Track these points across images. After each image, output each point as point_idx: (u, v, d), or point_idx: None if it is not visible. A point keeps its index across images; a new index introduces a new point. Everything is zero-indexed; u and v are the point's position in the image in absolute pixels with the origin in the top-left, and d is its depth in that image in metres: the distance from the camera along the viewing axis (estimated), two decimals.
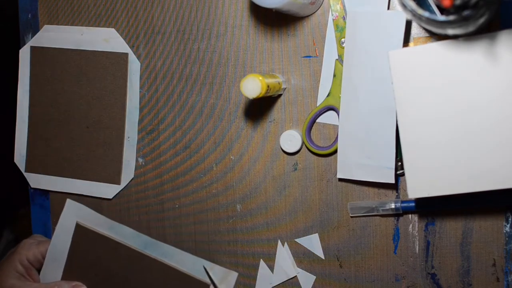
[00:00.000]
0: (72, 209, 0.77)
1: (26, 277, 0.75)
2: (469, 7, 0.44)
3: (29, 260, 0.75)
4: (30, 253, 0.75)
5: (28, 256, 0.75)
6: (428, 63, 0.55)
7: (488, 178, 0.54)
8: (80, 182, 0.77)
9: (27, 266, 0.75)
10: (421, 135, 0.56)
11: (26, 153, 0.79)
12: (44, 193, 0.81)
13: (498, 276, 0.61)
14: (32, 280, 0.75)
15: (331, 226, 0.67)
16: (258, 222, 0.70)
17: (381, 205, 0.63)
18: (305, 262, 0.68)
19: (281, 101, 0.67)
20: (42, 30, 0.77)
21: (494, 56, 0.53)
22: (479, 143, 0.54)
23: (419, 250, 0.64)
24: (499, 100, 0.53)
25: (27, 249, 0.75)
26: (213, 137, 0.71)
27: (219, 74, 0.70)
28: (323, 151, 0.65)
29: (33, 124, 0.78)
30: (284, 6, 0.57)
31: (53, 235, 0.77)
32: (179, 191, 0.73)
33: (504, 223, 0.61)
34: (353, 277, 0.66)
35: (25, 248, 0.75)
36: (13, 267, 0.73)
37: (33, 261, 0.75)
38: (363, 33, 0.60)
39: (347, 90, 0.62)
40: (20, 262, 0.74)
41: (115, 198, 0.76)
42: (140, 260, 0.74)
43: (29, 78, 0.78)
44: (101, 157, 0.75)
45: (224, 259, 0.71)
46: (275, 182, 0.68)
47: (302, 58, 0.66)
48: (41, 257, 0.76)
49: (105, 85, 0.75)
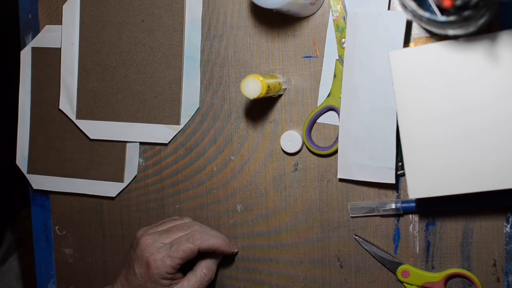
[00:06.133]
0: None
1: (174, 282, 0.66)
2: (470, 8, 0.44)
3: (168, 275, 0.65)
4: (167, 268, 0.64)
5: (166, 271, 0.64)
6: (428, 64, 0.55)
7: (488, 178, 0.54)
8: (83, 181, 0.77)
9: (171, 278, 0.65)
10: (422, 135, 0.56)
11: (28, 155, 0.79)
12: (44, 193, 0.81)
13: (498, 277, 0.61)
14: (179, 278, 0.67)
15: (331, 226, 0.67)
16: (258, 222, 0.70)
17: (382, 206, 0.63)
18: (306, 261, 0.68)
19: (282, 102, 0.67)
20: (44, 30, 0.77)
21: (494, 56, 0.53)
22: (480, 144, 0.54)
23: (419, 250, 0.64)
24: (500, 101, 0.53)
25: (161, 266, 0.64)
26: (213, 137, 0.71)
27: (218, 74, 0.70)
28: (323, 151, 0.65)
29: (35, 125, 0.78)
30: (284, 6, 0.57)
31: None
32: (179, 190, 0.73)
33: (505, 224, 0.61)
34: (353, 277, 0.66)
35: (157, 263, 0.64)
36: (161, 284, 0.65)
37: (174, 273, 0.65)
38: (364, 33, 0.60)
39: (347, 90, 0.62)
40: (163, 278, 0.65)
41: (116, 197, 0.76)
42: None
43: (31, 79, 0.78)
44: (103, 155, 0.75)
45: (224, 259, 0.71)
46: (275, 182, 0.68)
47: (302, 59, 0.66)
48: (177, 269, 0.66)
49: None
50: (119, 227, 0.77)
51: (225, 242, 0.68)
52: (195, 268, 0.68)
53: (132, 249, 0.67)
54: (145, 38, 0.71)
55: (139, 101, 0.72)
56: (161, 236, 0.66)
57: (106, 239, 0.78)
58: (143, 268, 0.64)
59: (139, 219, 0.75)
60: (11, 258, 1.60)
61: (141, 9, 0.71)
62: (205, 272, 0.67)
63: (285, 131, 0.67)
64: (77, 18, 0.74)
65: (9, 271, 1.59)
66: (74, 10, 0.74)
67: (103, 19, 0.73)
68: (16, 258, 1.60)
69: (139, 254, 0.65)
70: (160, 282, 0.64)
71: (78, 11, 0.74)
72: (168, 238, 0.66)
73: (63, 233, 0.80)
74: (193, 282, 0.66)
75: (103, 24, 0.73)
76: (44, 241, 0.82)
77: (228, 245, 0.69)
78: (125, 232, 0.77)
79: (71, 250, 0.80)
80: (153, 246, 0.65)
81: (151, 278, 0.64)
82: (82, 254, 0.80)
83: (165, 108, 0.71)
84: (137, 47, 0.72)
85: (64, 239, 0.80)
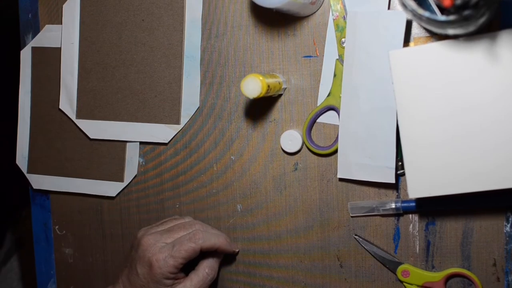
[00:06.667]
0: None
1: (176, 282, 0.66)
2: (470, 7, 0.44)
3: (170, 275, 0.65)
4: (169, 268, 0.64)
5: (168, 271, 0.64)
6: (428, 63, 0.55)
7: (488, 178, 0.54)
8: (83, 181, 0.77)
9: (173, 277, 0.65)
10: (422, 135, 0.56)
11: (28, 154, 0.79)
12: (44, 193, 0.81)
13: (498, 276, 0.61)
14: (181, 278, 0.67)
15: (331, 226, 0.67)
16: (258, 222, 0.70)
17: (382, 205, 0.63)
18: (306, 261, 0.68)
19: (282, 101, 0.67)
20: (44, 30, 0.77)
21: (494, 56, 0.53)
22: (480, 143, 0.54)
23: (419, 250, 0.64)
24: (500, 100, 0.53)
25: (164, 266, 0.64)
26: (213, 137, 0.71)
27: (219, 73, 0.70)
28: (323, 151, 0.65)
29: (35, 125, 0.78)
30: (284, 6, 0.57)
31: None
32: (179, 190, 0.73)
33: (505, 223, 0.61)
34: (353, 277, 0.66)
35: (160, 263, 0.64)
36: (164, 284, 0.65)
37: (176, 273, 0.65)
38: (364, 33, 0.60)
39: (347, 90, 0.62)
40: (166, 278, 0.65)
41: (116, 197, 0.76)
42: None
43: (31, 79, 0.78)
44: (103, 155, 0.75)
45: (224, 259, 0.71)
46: (275, 182, 0.68)
47: (302, 58, 0.66)
48: (179, 269, 0.66)
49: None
50: (119, 227, 0.77)
51: (226, 241, 0.68)
52: (197, 268, 0.68)
53: (134, 249, 0.67)
54: (145, 38, 0.71)
55: (139, 101, 0.72)
56: (162, 236, 0.66)
57: (106, 239, 0.78)
58: (146, 268, 0.64)
59: (139, 218, 0.75)
60: (12, 259, 1.60)
61: (141, 9, 0.71)
62: (208, 271, 0.67)
63: (285, 131, 0.67)
64: (77, 18, 0.74)
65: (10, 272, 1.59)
66: (74, 10, 0.74)
67: (103, 18, 0.73)
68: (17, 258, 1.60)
69: (141, 255, 0.65)
70: (163, 282, 0.64)
71: (78, 11, 0.74)
72: (170, 237, 0.66)
73: (63, 233, 0.80)
74: (195, 281, 0.66)
75: (103, 23, 0.73)
76: (44, 241, 0.82)
77: (230, 244, 0.69)
78: (125, 232, 0.77)
79: (71, 250, 0.80)
80: (155, 246, 0.65)
81: (153, 278, 0.64)
82: (82, 254, 0.80)
83: (165, 107, 0.71)
84: (137, 46, 0.72)
85: (64, 239, 0.80)
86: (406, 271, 0.63)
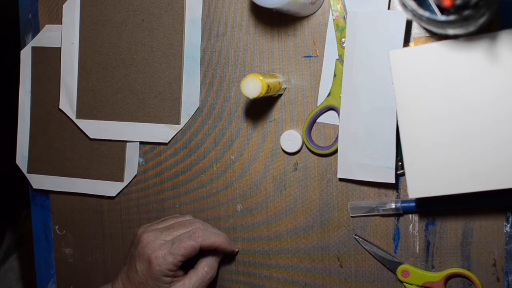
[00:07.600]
0: None
1: (175, 280, 0.66)
2: (470, 7, 0.44)
3: (169, 273, 0.65)
4: (168, 265, 0.64)
5: (167, 269, 0.64)
6: (428, 63, 0.55)
7: (488, 178, 0.54)
8: (83, 181, 0.77)
9: (172, 275, 0.65)
10: (422, 135, 0.56)
11: (28, 154, 0.79)
12: (44, 193, 0.81)
13: (498, 276, 0.61)
14: (180, 276, 0.67)
15: (331, 226, 0.67)
16: (258, 221, 0.70)
17: (382, 205, 0.63)
18: (306, 261, 0.68)
19: (281, 101, 0.67)
20: (44, 30, 0.77)
21: (494, 56, 0.53)
22: (480, 143, 0.54)
23: (419, 250, 0.64)
24: (500, 100, 0.53)
25: (163, 263, 0.64)
26: (212, 137, 0.71)
27: (218, 73, 0.70)
28: (323, 151, 0.65)
29: (35, 125, 0.78)
30: (284, 6, 0.57)
31: None
32: (179, 190, 0.73)
33: (505, 223, 0.61)
34: (353, 277, 0.66)
35: (159, 260, 0.64)
36: (162, 282, 0.65)
37: (175, 270, 0.65)
38: (364, 33, 0.60)
39: (347, 90, 0.62)
40: (165, 275, 0.65)
41: (116, 197, 0.76)
42: None
43: (31, 79, 0.78)
44: (103, 154, 0.75)
45: (224, 259, 0.71)
46: (275, 182, 0.68)
47: (302, 58, 0.66)
48: (178, 266, 0.65)
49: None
50: (119, 227, 0.77)
51: (226, 240, 0.68)
52: (196, 266, 0.68)
53: (134, 246, 0.67)
54: (145, 38, 0.71)
55: (139, 101, 0.72)
56: (162, 233, 0.66)
57: (106, 239, 0.78)
58: (145, 265, 0.64)
59: (139, 218, 0.75)
60: (11, 258, 1.60)
61: (141, 9, 0.71)
62: (207, 270, 0.67)
63: (285, 131, 0.67)
64: (77, 18, 0.74)
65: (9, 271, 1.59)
66: (74, 10, 0.74)
67: (103, 18, 0.73)
68: (16, 258, 1.60)
69: (140, 251, 0.65)
70: (161, 279, 0.64)
71: (78, 11, 0.74)
72: (169, 235, 0.66)
73: (63, 232, 0.80)
74: (194, 280, 0.66)
75: (103, 23, 0.73)
76: (44, 240, 0.82)
77: (229, 243, 0.69)
78: (125, 231, 0.77)
79: (71, 249, 0.80)
80: (154, 243, 0.65)
81: (152, 275, 0.64)
82: (82, 254, 0.80)
83: (165, 107, 0.71)
84: (137, 46, 0.72)
85: (64, 239, 0.80)
86: (406, 271, 0.63)
